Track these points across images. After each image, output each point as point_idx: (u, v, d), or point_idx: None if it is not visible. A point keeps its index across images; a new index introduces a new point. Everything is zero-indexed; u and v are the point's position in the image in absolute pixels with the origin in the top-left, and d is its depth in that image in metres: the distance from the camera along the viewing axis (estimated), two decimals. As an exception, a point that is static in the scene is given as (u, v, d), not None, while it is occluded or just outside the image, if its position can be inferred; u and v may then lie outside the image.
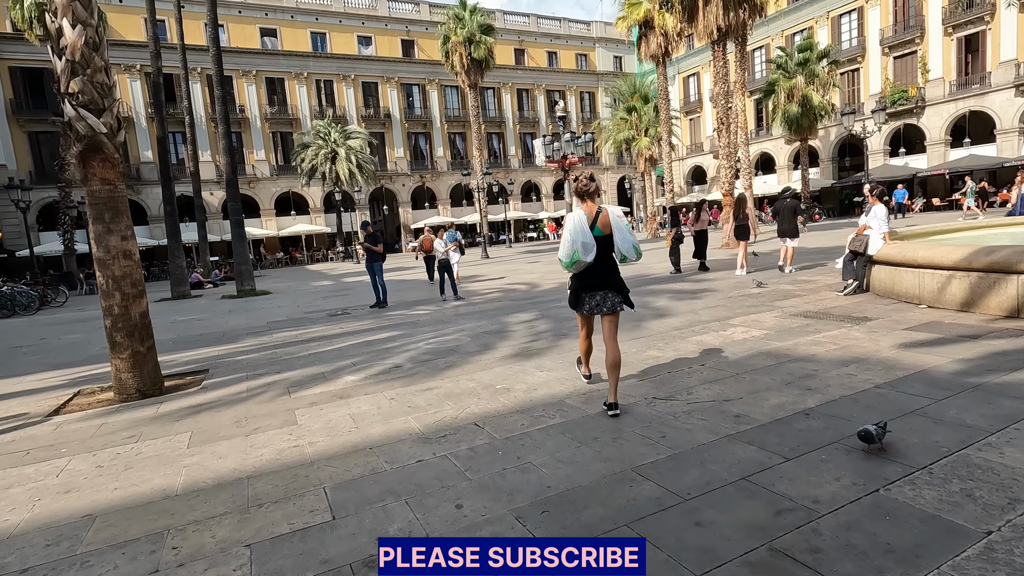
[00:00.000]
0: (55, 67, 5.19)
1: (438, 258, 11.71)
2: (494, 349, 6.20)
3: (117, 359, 5.33)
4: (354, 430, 3.86)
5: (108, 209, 5.30)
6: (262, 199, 37.60)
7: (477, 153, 29.33)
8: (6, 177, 28.10)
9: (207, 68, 32.20)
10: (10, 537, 2.71)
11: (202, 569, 2.29)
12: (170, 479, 3.26)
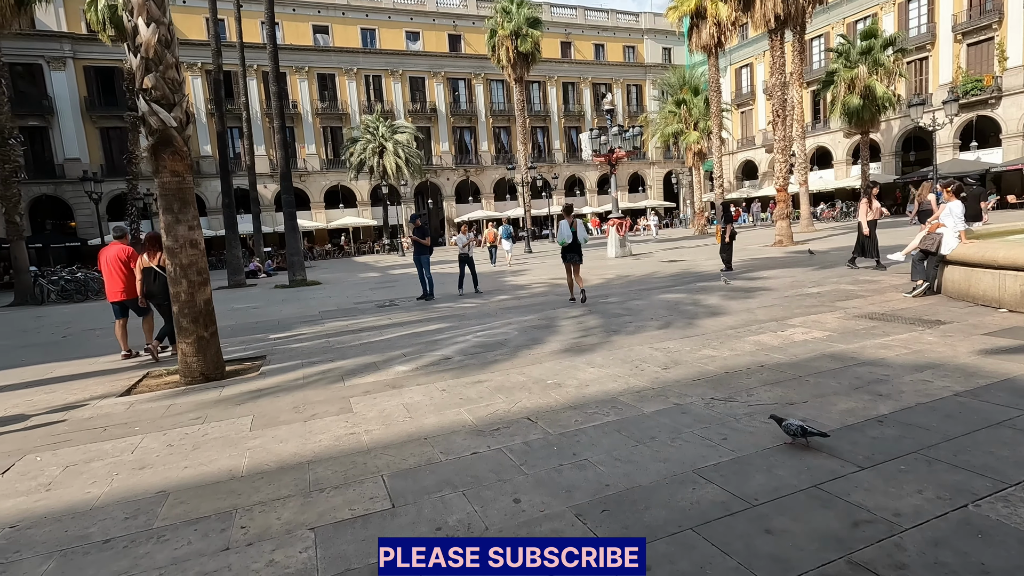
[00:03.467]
0: (131, 64, 5.45)
1: (459, 252, 11.79)
2: (543, 344, 6.16)
3: (183, 343, 5.58)
4: (408, 420, 3.91)
5: (177, 200, 5.54)
6: (312, 192, 38.72)
7: (521, 147, 29.30)
8: (80, 170, 29.92)
9: (263, 65, 33.35)
10: (92, 508, 2.87)
11: (270, 549, 2.36)
12: (235, 460, 3.38)
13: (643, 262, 16.00)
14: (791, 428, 2.95)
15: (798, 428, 2.93)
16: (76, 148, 33.41)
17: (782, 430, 3.01)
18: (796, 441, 2.98)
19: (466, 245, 11.77)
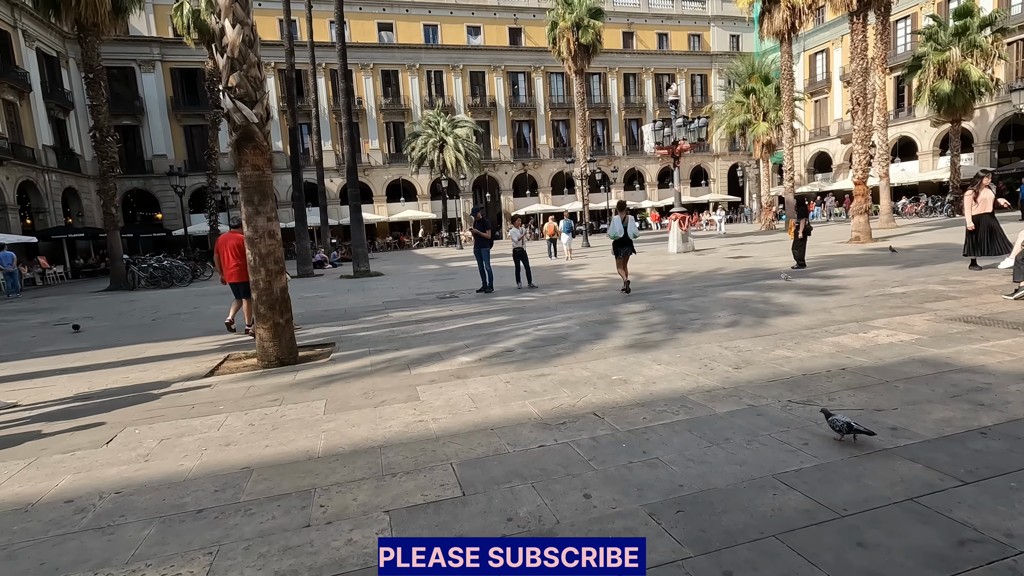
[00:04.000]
0: (216, 64, 5.76)
1: (513, 247, 11.78)
2: (606, 339, 6.08)
3: (261, 328, 5.88)
4: (474, 410, 3.95)
5: (257, 192, 5.83)
6: (375, 186, 39.88)
7: (580, 140, 28.96)
8: (166, 165, 32.14)
9: (331, 63, 34.53)
10: (185, 480, 3.07)
11: (348, 529, 2.44)
12: (312, 442, 3.53)
13: (706, 258, 15.49)
14: (837, 424, 2.93)
15: (844, 425, 2.90)
16: (163, 145, 35.89)
17: (828, 425, 2.99)
18: (844, 438, 2.96)
19: (520, 239, 11.78)
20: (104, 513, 2.74)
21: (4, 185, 25.61)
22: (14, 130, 27.19)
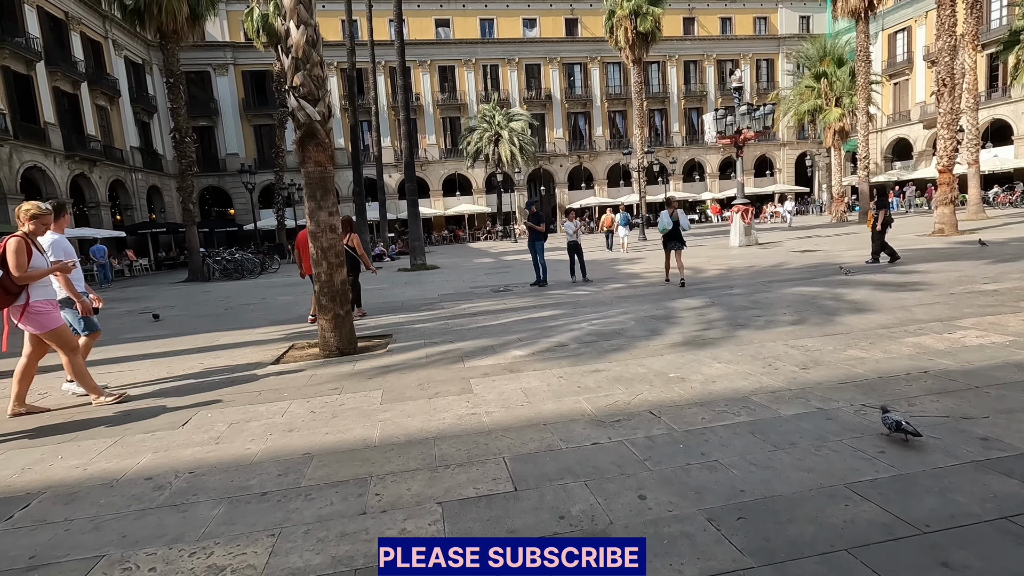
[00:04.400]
0: (282, 64, 5.99)
1: (568, 240, 11.62)
2: (662, 335, 5.91)
3: (323, 319, 6.10)
4: (527, 404, 3.93)
5: (319, 188, 6.03)
6: (431, 180, 40.57)
7: (638, 131, 28.28)
8: (238, 163, 33.93)
9: (391, 61, 35.34)
10: (252, 463, 3.22)
11: (402, 518, 2.48)
12: (369, 431, 3.62)
13: (771, 252, 14.80)
14: (888, 421, 2.90)
15: (894, 423, 2.86)
16: (235, 144, 37.92)
17: (881, 421, 2.97)
18: (892, 435, 2.93)
19: (575, 232, 11.65)
20: (179, 491, 2.91)
21: (98, 184, 27.83)
22: (106, 133, 29.49)
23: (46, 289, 4.45)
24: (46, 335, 4.42)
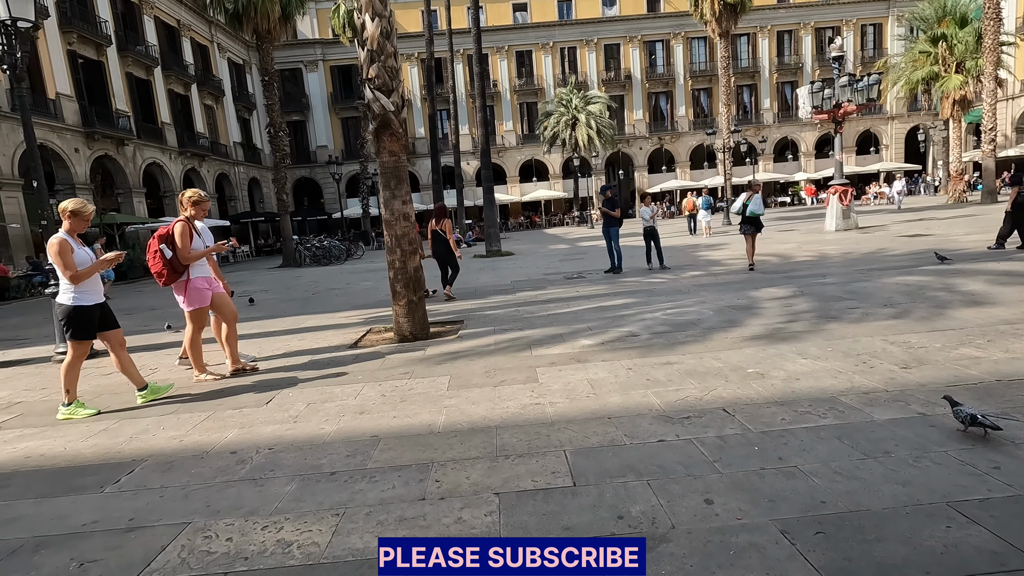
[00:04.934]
0: (359, 57, 6.17)
1: (644, 226, 11.16)
2: (741, 326, 5.56)
3: (396, 305, 6.29)
4: (592, 396, 3.83)
5: (393, 177, 6.18)
6: (508, 167, 40.75)
7: (724, 109, 26.78)
8: (327, 155, 35.80)
9: (468, 49, 35.66)
10: (324, 443, 3.38)
11: (459, 507, 2.50)
12: (434, 416, 3.68)
13: (872, 236, 13.53)
14: (961, 414, 2.76)
15: (968, 416, 2.72)
16: (324, 136, 40.01)
17: (953, 415, 2.83)
18: (968, 430, 2.79)
19: (651, 217, 11.22)
20: (258, 466, 3.11)
21: (206, 177, 30.43)
22: (212, 130, 32.11)
23: (202, 268, 4.98)
24: (191, 311, 4.90)
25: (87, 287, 4.25)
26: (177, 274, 4.82)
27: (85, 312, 4.24)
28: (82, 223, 4.34)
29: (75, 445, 3.67)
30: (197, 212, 4.99)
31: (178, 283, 4.87)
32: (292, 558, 2.19)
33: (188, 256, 4.79)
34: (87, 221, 4.37)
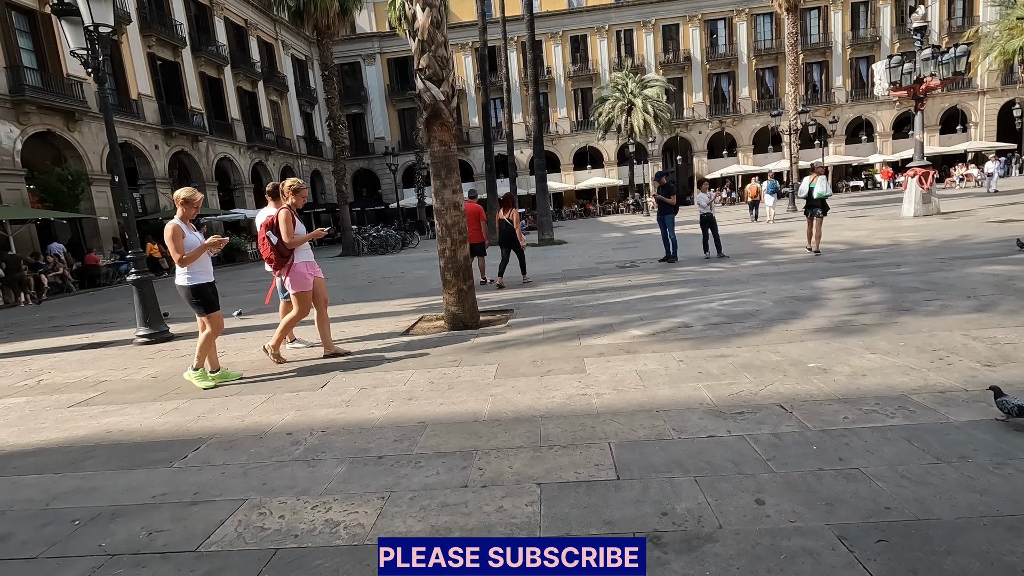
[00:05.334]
0: (412, 48, 6.22)
1: (700, 213, 10.71)
2: (803, 318, 5.28)
3: (447, 294, 6.36)
4: (640, 388, 3.74)
5: (444, 166, 6.23)
6: (562, 154, 40.33)
7: (791, 89, 25.36)
8: (384, 146, 36.64)
9: (522, 36, 35.39)
10: (373, 428, 3.47)
11: (500, 495, 2.50)
12: (479, 404, 3.71)
13: (956, 222, 12.49)
14: (1007, 405, 2.68)
15: (1015, 407, 2.65)
16: (382, 128, 40.94)
17: (996, 405, 2.74)
18: (1010, 420, 2.72)
19: (709, 204, 10.80)
20: (311, 448, 3.23)
21: (272, 170, 31.84)
22: (278, 125, 33.52)
23: (305, 253, 5.26)
24: (295, 294, 5.18)
25: (198, 268, 4.65)
26: (284, 259, 5.11)
27: (202, 289, 4.67)
28: (192, 210, 4.71)
29: (150, 422, 3.95)
30: (298, 200, 5.22)
31: (284, 268, 5.14)
32: (338, 538, 2.27)
33: (292, 242, 5.07)
34: (197, 208, 4.77)
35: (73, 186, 18.53)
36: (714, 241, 10.62)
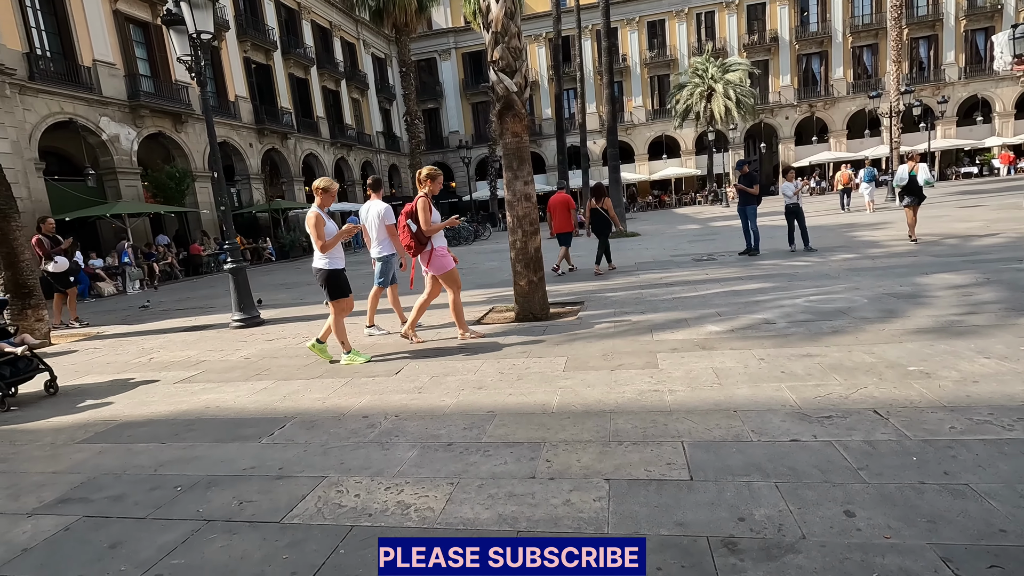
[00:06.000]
0: (486, 40, 6.26)
1: (786, 203, 10.00)
2: (903, 317, 4.84)
3: (517, 285, 6.39)
4: (716, 386, 3.58)
5: (516, 158, 6.23)
6: (636, 144, 39.32)
7: (892, 67, 23.26)
8: (458, 140, 37.30)
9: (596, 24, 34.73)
10: (444, 415, 3.55)
11: (568, 489, 2.48)
12: (548, 396, 3.69)
13: (1095, 213, 10.97)
14: None
15: None
16: (456, 122, 41.68)
17: None
18: None
19: (795, 194, 10.11)
20: (385, 431, 3.35)
21: (353, 165, 33.33)
22: (359, 122, 34.98)
23: (440, 238, 5.54)
24: (443, 276, 5.49)
25: (336, 254, 4.96)
26: (422, 245, 5.38)
27: (337, 275, 4.95)
28: (330, 198, 4.96)
29: (242, 400, 4.26)
30: (433, 188, 5.45)
31: (424, 253, 5.41)
32: (409, 520, 2.33)
33: (430, 229, 5.32)
34: (334, 196, 5.06)
35: (180, 182, 20.29)
36: (800, 233, 9.96)
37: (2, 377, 4.72)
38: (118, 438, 3.69)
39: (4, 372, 4.77)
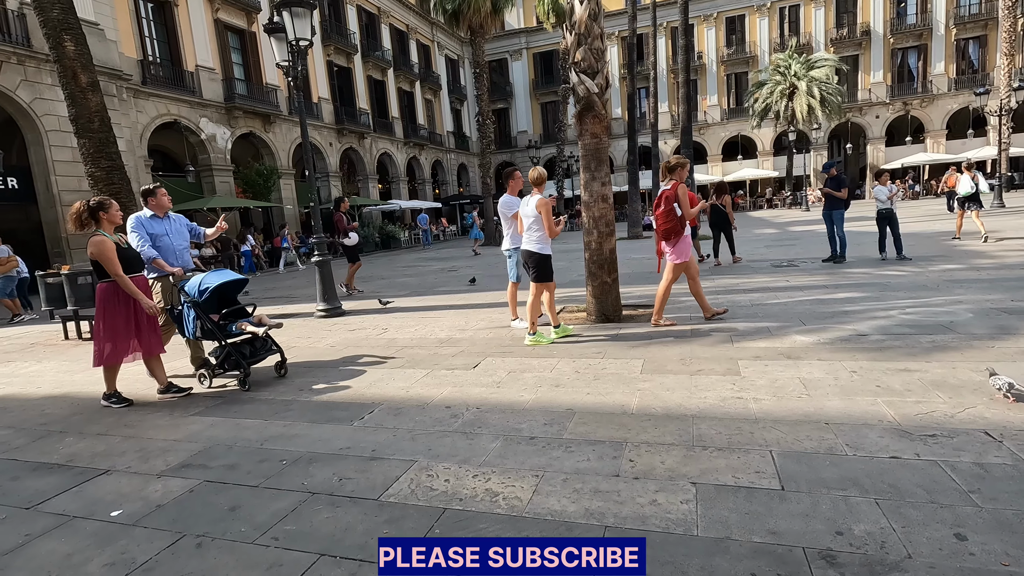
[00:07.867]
0: (566, 42, 6.31)
1: (878, 208, 9.33)
2: (1018, 335, 4.46)
3: (591, 286, 6.40)
4: (805, 397, 3.46)
5: (594, 159, 6.24)
6: (710, 144, 38.06)
7: (1003, 60, 21.28)
8: (526, 139, 37.52)
9: (672, 21, 33.89)
10: (524, 410, 3.64)
11: (653, 489, 2.49)
12: (627, 397, 3.70)
13: None
14: None
15: None
16: (525, 122, 41.94)
17: None
18: None
19: (889, 199, 9.46)
20: (468, 422, 3.49)
21: (424, 164, 34.30)
22: (431, 121, 35.94)
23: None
24: (676, 264, 5.70)
25: (546, 240, 5.39)
26: (680, 231, 5.61)
27: (546, 260, 5.40)
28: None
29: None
30: (683, 173, 5.72)
31: (682, 239, 5.63)
32: (498, 507, 2.43)
33: (689, 213, 5.61)
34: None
35: (267, 179, 21.66)
36: (893, 240, 9.33)
37: (243, 356, 4.59)
38: (225, 413, 4.04)
39: (244, 351, 4.65)
